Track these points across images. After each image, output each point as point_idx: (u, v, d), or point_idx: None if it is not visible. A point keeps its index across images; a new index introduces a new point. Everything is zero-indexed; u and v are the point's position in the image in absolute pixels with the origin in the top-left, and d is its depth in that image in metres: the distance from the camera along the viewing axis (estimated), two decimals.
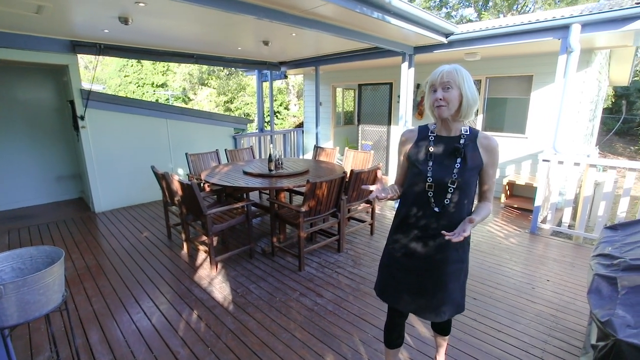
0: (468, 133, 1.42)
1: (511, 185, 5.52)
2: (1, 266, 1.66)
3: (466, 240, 1.51)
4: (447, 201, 1.41)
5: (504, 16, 12.94)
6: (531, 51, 5.00)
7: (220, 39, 4.81)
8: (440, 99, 1.34)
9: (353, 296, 2.80)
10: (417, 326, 2.40)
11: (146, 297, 2.82)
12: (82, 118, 4.72)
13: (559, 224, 4.07)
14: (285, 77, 8.41)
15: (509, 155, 5.65)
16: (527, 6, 13.31)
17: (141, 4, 2.99)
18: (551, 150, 3.97)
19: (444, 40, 4.52)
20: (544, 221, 4.20)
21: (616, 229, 2.11)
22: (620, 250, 1.77)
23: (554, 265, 3.33)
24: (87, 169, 4.91)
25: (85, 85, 4.82)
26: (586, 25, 3.60)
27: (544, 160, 3.96)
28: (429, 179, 1.41)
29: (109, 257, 3.57)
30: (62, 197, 5.70)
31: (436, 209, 1.42)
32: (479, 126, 5.97)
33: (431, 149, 1.44)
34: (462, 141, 1.41)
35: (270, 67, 7.29)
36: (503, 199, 5.39)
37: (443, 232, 1.31)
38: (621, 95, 15.07)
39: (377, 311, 2.58)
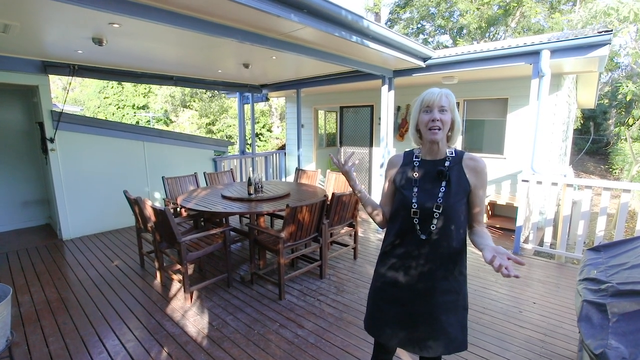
0: (453, 155, 1.37)
1: (492, 205, 5.58)
2: None
3: (457, 269, 1.38)
4: (432, 227, 1.33)
5: (477, 43, 13.61)
6: (505, 75, 5.19)
7: (200, 62, 4.76)
8: (438, 120, 1.31)
9: (336, 326, 2.65)
10: (405, 358, 2.27)
11: (112, 334, 2.58)
12: (52, 140, 4.50)
13: (541, 243, 4.08)
14: (267, 99, 8.43)
15: (489, 176, 5.71)
16: (498, 34, 14.07)
17: (115, 25, 2.91)
18: (530, 171, 4.03)
19: (422, 64, 4.64)
20: (526, 241, 4.21)
21: (599, 250, 2.09)
22: (605, 274, 1.74)
23: (539, 286, 3.29)
24: (56, 194, 4.63)
25: (65, 107, 4.63)
26: (555, 52, 3.76)
27: (523, 181, 4.01)
28: (414, 205, 1.35)
29: (74, 290, 3.29)
30: (27, 224, 5.34)
31: (422, 237, 1.34)
32: (458, 147, 6.08)
33: (415, 174, 1.40)
34: (447, 164, 1.36)
35: (251, 90, 7.28)
36: (485, 219, 5.41)
37: (501, 271, 1.05)
38: (588, 117, 15.87)
39: (362, 342, 2.44)
